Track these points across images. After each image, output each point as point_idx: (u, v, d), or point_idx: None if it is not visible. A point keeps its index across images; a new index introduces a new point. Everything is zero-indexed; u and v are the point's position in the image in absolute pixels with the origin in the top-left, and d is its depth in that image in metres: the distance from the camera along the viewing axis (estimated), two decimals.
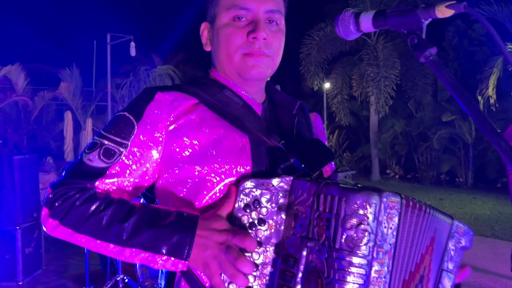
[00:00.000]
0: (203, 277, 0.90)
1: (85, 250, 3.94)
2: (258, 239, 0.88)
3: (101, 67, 11.67)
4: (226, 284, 0.85)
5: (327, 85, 14.54)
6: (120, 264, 3.69)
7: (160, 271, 1.03)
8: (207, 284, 0.90)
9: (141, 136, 0.97)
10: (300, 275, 0.82)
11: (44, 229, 0.94)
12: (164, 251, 0.85)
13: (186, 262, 0.85)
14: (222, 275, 0.85)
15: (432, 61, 0.75)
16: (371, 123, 13.90)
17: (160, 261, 0.86)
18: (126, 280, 3.68)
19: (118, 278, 3.63)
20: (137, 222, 0.87)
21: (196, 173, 0.95)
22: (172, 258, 0.85)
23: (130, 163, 0.96)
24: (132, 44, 8.19)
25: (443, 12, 0.72)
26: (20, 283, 4.41)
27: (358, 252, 0.78)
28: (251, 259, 0.87)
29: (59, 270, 4.97)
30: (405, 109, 14.11)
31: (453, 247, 0.97)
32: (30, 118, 11.32)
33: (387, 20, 0.81)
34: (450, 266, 0.97)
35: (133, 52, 8.25)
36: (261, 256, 0.87)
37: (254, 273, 0.87)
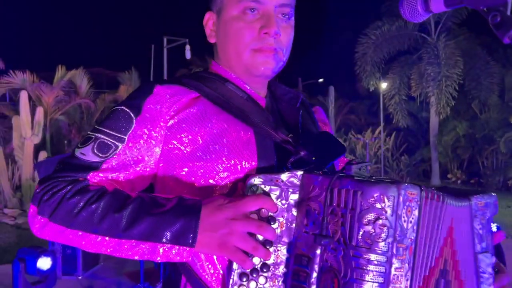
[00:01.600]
0: (207, 276, 0.86)
1: None
2: (272, 235, 0.82)
3: (158, 69, 12.10)
4: (243, 256, 0.80)
5: (383, 85, 14.17)
6: None
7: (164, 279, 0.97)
8: (212, 283, 0.86)
9: (139, 131, 0.91)
10: (314, 275, 0.79)
11: (33, 231, 0.86)
12: (166, 239, 0.79)
13: (192, 248, 0.79)
14: (238, 249, 0.80)
15: None
16: (431, 125, 13.39)
17: (162, 251, 0.79)
18: None
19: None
20: (134, 211, 0.81)
21: (199, 170, 0.90)
22: (177, 246, 0.79)
23: (127, 158, 0.90)
24: (187, 47, 8.42)
25: None
26: (80, 277, 4.61)
27: (376, 249, 0.73)
28: (260, 260, 0.81)
29: (115, 267, 5.15)
30: (468, 110, 13.45)
31: (480, 226, 0.90)
32: (92, 119, 11.95)
33: None
34: (484, 245, 0.91)
35: (188, 55, 8.49)
36: (273, 256, 0.82)
37: (265, 274, 0.82)
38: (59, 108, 10.48)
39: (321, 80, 19.22)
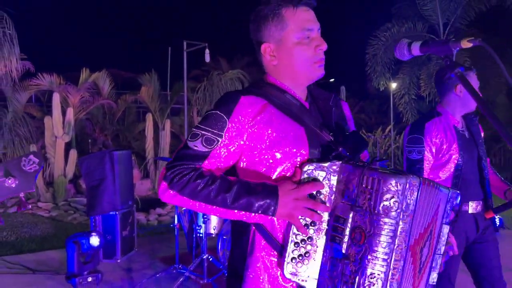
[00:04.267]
0: (273, 228, 1.27)
1: (175, 233, 4.55)
2: (320, 208, 1.22)
3: (175, 71, 12.44)
4: (303, 224, 1.22)
5: (393, 85, 14.40)
6: (206, 245, 4.23)
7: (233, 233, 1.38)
8: (276, 231, 1.27)
9: (231, 129, 1.28)
10: (347, 229, 1.17)
11: (161, 198, 1.25)
12: (257, 211, 1.21)
13: (274, 217, 1.23)
14: (300, 218, 1.21)
15: (459, 76, 1.12)
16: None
17: (253, 218, 1.23)
18: (211, 259, 4.21)
19: (204, 257, 4.16)
20: (237, 192, 1.21)
21: (269, 156, 1.28)
22: (263, 216, 1.22)
23: (224, 149, 1.28)
24: (207, 51, 8.80)
25: (465, 44, 1.09)
26: (118, 261, 5.10)
27: (390, 215, 1.12)
28: (310, 219, 1.22)
29: (149, 252, 5.64)
30: (476, 109, 13.65)
31: (449, 207, 1.33)
32: (114, 119, 12.38)
33: (430, 48, 1.19)
34: (447, 220, 1.34)
35: (207, 58, 8.85)
36: (319, 216, 1.22)
37: (312, 229, 1.22)
38: (83, 108, 10.91)
39: (332, 80, 19.47)
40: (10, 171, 1.00)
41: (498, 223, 6.68)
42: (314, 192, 1.22)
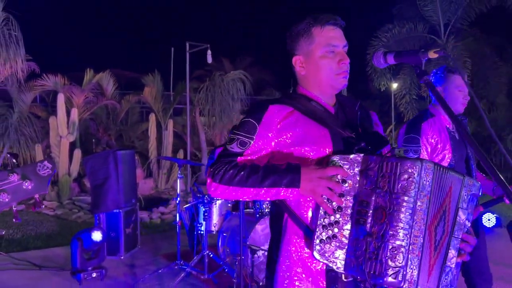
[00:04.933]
0: (304, 213, 1.43)
1: (177, 231, 4.68)
2: (342, 191, 1.34)
3: (178, 72, 12.55)
4: (326, 201, 1.34)
5: (394, 85, 14.51)
6: (206, 242, 4.36)
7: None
8: (306, 217, 1.42)
9: (261, 133, 1.49)
10: (370, 212, 1.28)
11: (210, 193, 1.47)
12: (284, 184, 1.37)
13: (298, 189, 1.37)
14: (323, 196, 1.34)
15: (428, 83, 1.24)
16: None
17: (282, 192, 1.38)
18: (211, 255, 4.34)
19: (205, 253, 4.30)
20: (264, 172, 1.40)
21: (295, 153, 1.47)
22: (290, 189, 1.37)
23: (256, 149, 1.50)
24: (209, 52, 8.95)
25: (432, 55, 1.21)
26: (122, 257, 5.25)
27: (408, 194, 1.23)
28: (336, 204, 1.34)
29: (151, 249, 5.78)
30: (477, 109, 13.71)
31: (465, 193, 1.41)
32: (117, 119, 12.52)
33: (403, 57, 1.32)
34: (464, 205, 1.41)
35: (209, 59, 9.00)
36: (344, 202, 1.34)
37: (339, 214, 1.33)
38: (87, 108, 11.06)
39: None
40: (27, 175, 1.14)
41: (495, 222, 6.81)
42: (340, 180, 1.35)
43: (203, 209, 4.48)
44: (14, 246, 5.93)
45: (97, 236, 4.51)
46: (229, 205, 4.72)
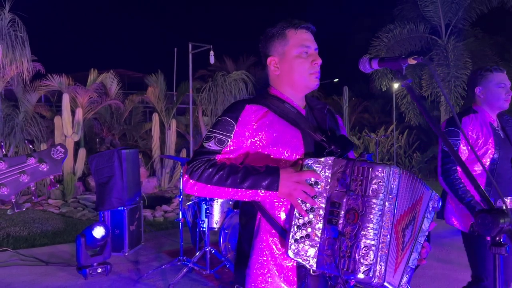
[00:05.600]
0: (277, 213, 1.50)
1: (180, 228, 4.81)
2: (314, 193, 1.41)
3: (181, 72, 12.65)
4: (300, 202, 1.42)
5: (396, 85, 14.59)
6: (208, 239, 4.49)
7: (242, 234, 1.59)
8: (279, 217, 1.49)
9: (238, 131, 1.53)
10: (342, 212, 1.37)
11: (185, 190, 1.48)
12: (263, 187, 1.43)
13: (277, 192, 1.43)
14: (298, 199, 1.41)
15: (408, 87, 1.36)
16: (442, 123, 13.66)
17: (261, 194, 1.43)
18: (213, 251, 4.47)
19: (207, 249, 4.42)
20: (244, 173, 1.43)
21: (270, 152, 1.52)
22: (269, 191, 1.43)
23: (232, 148, 1.53)
24: (211, 52, 9.05)
25: (411, 61, 1.33)
26: (126, 254, 5.38)
27: (378, 197, 1.35)
28: (309, 205, 1.42)
29: (155, 246, 5.91)
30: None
31: (431, 206, 1.56)
32: (121, 119, 12.65)
33: (386, 63, 1.43)
34: (429, 215, 1.56)
35: (212, 60, 9.11)
36: (317, 203, 1.42)
37: (312, 214, 1.41)
38: (91, 108, 11.18)
39: (336, 80, 19.69)
40: (43, 158, 1.27)
41: None
42: (313, 182, 1.42)
43: (205, 207, 4.60)
44: (21, 243, 6.07)
45: (99, 231, 4.63)
46: (230, 203, 4.84)
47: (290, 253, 1.40)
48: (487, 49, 13.25)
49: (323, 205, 1.41)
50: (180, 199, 4.83)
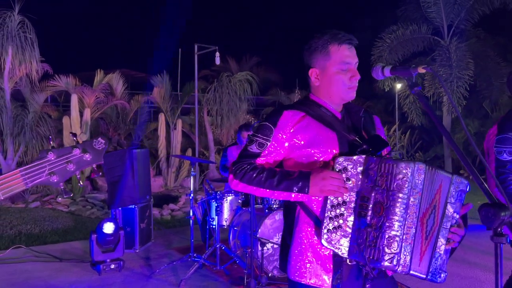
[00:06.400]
0: (314, 207, 1.64)
1: (191, 226, 4.95)
2: (343, 180, 1.53)
3: (185, 72, 12.72)
4: (336, 203, 1.55)
5: (398, 85, 14.67)
6: (218, 236, 4.63)
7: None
8: (316, 210, 1.63)
9: (277, 135, 1.69)
10: (370, 205, 1.49)
11: (231, 187, 1.70)
12: (295, 190, 1.59)
13: (308, 194, 1.58)
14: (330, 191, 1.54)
15: (418, 93, 1.50)
16: (444, 123, 13.75)
17: (293, 195, 1.60)
18: (223, 248, 4.61)
19: (217, 246, 4.56)
20: (279, 177, 1.61)
21: (307, 153, 1.66)
22: (300, 194, 1.59)
23: (272, 150, 1.70)
24: (217, 54, 9.19)
25: (421, 70, 1.47)
26: (137, 251, 5.52)
27: (403, 191, 1.44)
28: (341, 199, 1.55)
29: (164, 243, 6.05)
30: (480, 109, 13.89)
31: (454, 190, 1.59)
32: (127, 119, 12.77)
33: (397, 71, 1.57)
34: (452, 200, 1.58)
35: (218, 61, 9.24)
36: (348, 197, 1.55)
37: (343, 207, 1.54)
38: (98, 108, 11.31)
39: None
40: (86, 149, 1.40)
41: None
42: (345, 179, 1.55)
43: (215, 205, 4.74)
44: (33, 240, 6.21)
45: (109, 227, 4.77)
46: (239, 201, 4.97)
47: (324, 242, 1.54)
48: (489, 50, 13.34)
49: (354, 199, 1.54)
50: (190, 197, 4.97)
